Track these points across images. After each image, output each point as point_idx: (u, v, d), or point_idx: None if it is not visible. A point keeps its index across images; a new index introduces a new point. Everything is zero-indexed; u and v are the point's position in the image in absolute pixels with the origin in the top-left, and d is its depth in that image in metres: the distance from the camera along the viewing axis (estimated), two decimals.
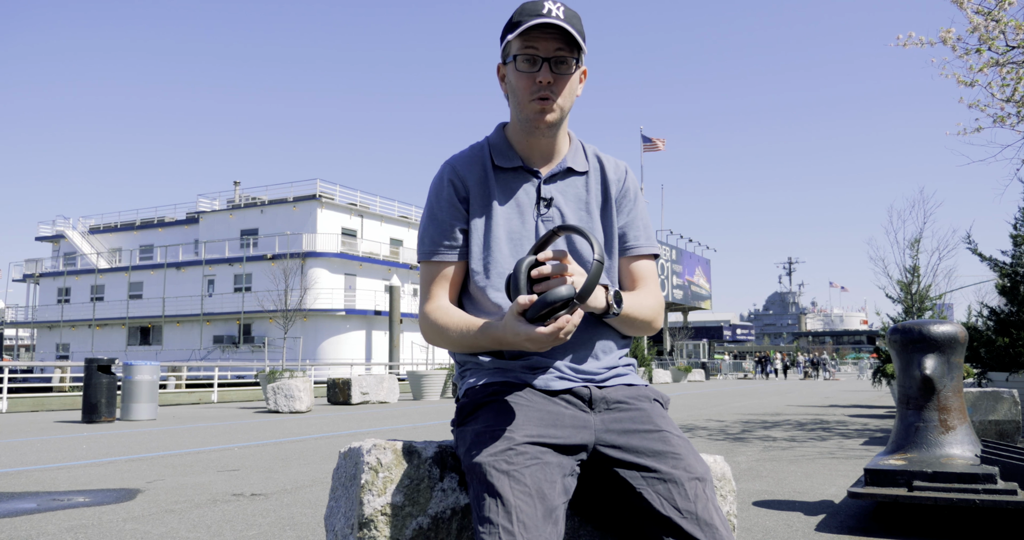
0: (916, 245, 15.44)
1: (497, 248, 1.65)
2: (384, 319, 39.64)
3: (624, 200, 1.75)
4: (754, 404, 16.63)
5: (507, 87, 1.68)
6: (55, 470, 6.42)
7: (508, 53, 1.64)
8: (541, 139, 1.68)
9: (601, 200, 1.74)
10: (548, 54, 1.58)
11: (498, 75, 1.70)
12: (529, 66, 1.59)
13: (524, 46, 1.59)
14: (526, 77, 1.60)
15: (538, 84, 1.59)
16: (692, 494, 1.40)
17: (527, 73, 1.60)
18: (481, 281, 1.65)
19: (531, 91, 1.60)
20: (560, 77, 1.60)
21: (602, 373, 1.61)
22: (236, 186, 45.28)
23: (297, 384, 14.79)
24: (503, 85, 1.70)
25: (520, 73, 1.60)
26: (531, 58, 1.59)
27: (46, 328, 47.07)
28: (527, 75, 1.60)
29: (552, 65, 1.59)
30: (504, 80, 1.68)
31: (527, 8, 1.60)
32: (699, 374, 40.94)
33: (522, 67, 1.60)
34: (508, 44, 1.63)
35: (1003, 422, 6.36)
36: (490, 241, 1.65)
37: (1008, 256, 10.87)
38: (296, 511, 4.55)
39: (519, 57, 1.59)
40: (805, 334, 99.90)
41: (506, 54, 1.65)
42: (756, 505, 4.65)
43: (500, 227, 1.66)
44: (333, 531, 1.60)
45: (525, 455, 1.38)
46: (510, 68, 1.63)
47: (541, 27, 1.57)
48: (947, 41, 8.51)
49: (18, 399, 15.97)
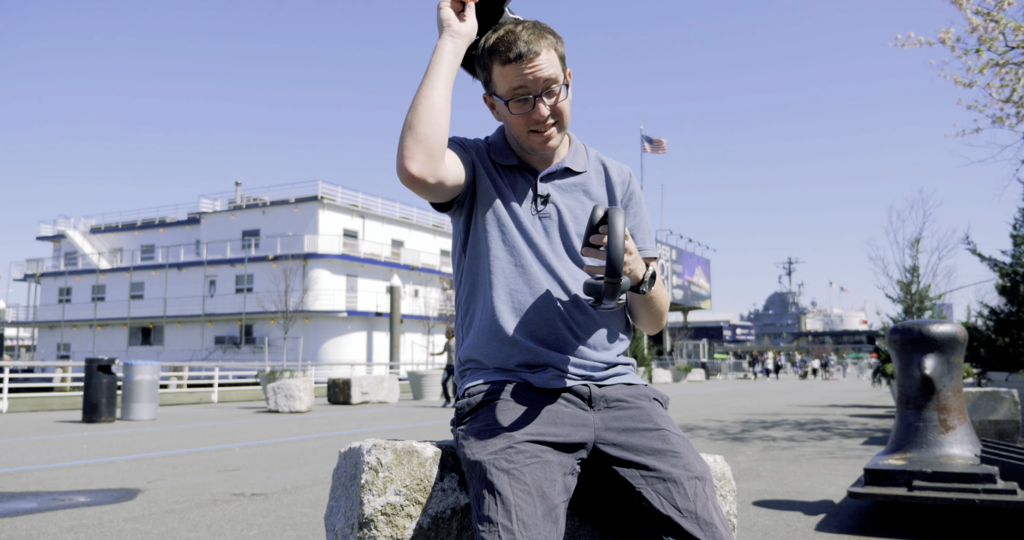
0: (916, 245, 15.47)
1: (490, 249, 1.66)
2: (385, 320, 39.64)
3: (631, 203, 1.77)
4: (754, 404, 16.63)
5: (499, 116, 1.70)
6: (55, 470, 6.43)
7: (492, 90, 1.64)
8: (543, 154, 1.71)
9: (604, 200, 1.75)
10: (537, 90, 1.59)
11: (486, 103, 1.71)
12: (522, 106, 1.61)
13: (512, 88, 1.60)
14: (521, 117, 1.62)
15: (535, 121, 1.62)
16: (692, 493, 1.41)
17: (521, 114, 1.61)
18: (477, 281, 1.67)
19: (528, 126, 1.63)
20: (554, 106, 1.62)
21: (601, 368, 1.62)
22: (238, 187, 45.29)
23: (297, 384, 14.79)
24: (493, 112, 1.71)
25: (514, 115, 1.62)
26: (523, 98, 1.60)
27: (47, 328, 47.09)
28: (522, 115, 1.62)
29: (544, 97, 1.60)
30: (494, 108, 1.70)
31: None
32: (699, 374, 40.94)
33: (516, 109, 1.61)
34: (491, 83, 1.64)
35: (1003, 422, 6.37)
36: (482, 243, 1.67)
37: (1008, 256, 10.88)
38: (296, 511, 4.56)
39: (511, 102, 1.61)
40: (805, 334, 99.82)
41: (490, 89, 1.65)
42: (756, 505, 4.65)
43: (498, 225, 1.67)
44: (333, 531, 1.60)
45: (525, 453, 1.39)
46: (501, 106, 1.65)
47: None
48: (946, 41, 8.52)
49: (19, 399, 15.97)
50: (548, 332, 1.60)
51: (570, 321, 1.62)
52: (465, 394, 1.61)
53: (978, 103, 8.95)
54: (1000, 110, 8.84)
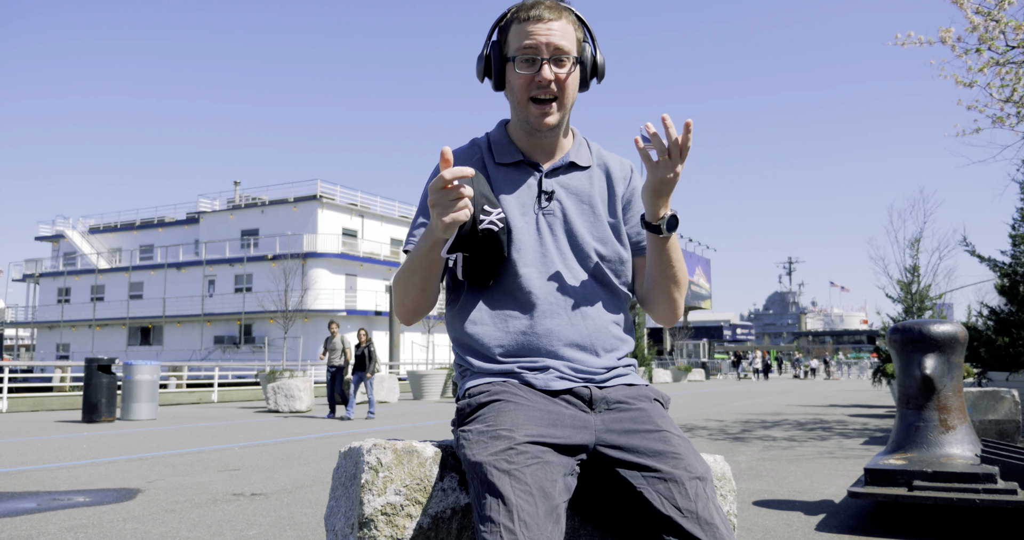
0: (916, 245, 15.45)
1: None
2: (384, 319, 39.63)
3: (633, 198, 1.76)
4: (754, 404, 16.63)
5: (508, 90, 1.67)
6: (55, 470, 6.42)
7: (505, 52, 1.64)
8: (543, 139, 1.68)
9: (606, 195, 1.74)
10: (546, 55, 1.59)
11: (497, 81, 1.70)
12: (528, 66, 1.60)
13: (523, 46, 1.59)
14: (525, 77, 1.60)
15: (538, 84, 1.60)
16: (693, 493, 1.40)
17: (526, 74, 1.60)
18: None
19: (530, 90, 1.61)
20: (560, 76, 1.60)
21: (602, 373, 1.61)
22: (236, 186, 45.27)
23: (297, 384, 14.79)
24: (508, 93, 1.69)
25: (519, 73, 1.61)
26: (530, 59, 1.59)
27: (46, 328, 47.07)
28: (526, 75, 1.60)
29: (552, 64, 1.59)
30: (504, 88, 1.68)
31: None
32: (699, 374, 40.93)
33: (521, 68, 1.60)
34: (505, 44, 1.64)
35: (1003, 422, 6.36)
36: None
37: (1007, 256, 10.88)
38: (296, 511, 4.56)
39: (517, 58, 1.60)
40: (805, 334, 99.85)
41: (503, 52, 1.65)
42: (756, 505, 4.65)
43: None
44: (333, 531, 1.60)
45: (526, 454, 1.38)
46: (508, 68, 1.64)
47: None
48: (946, 41, 8.52)
49: (18, 399, 15.98)
50: (549, 332, 1.60)
51: (572, 321, 1.61)
52: (466, 395, 1.60)
53: (978, 103, 8.95)
54: (1000, 110, 8.85)
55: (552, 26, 1.58)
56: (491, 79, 1.68)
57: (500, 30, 1.66)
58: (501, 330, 1.62)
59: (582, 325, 1.61)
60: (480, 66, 1.69)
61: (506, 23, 1.65)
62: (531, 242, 1.64)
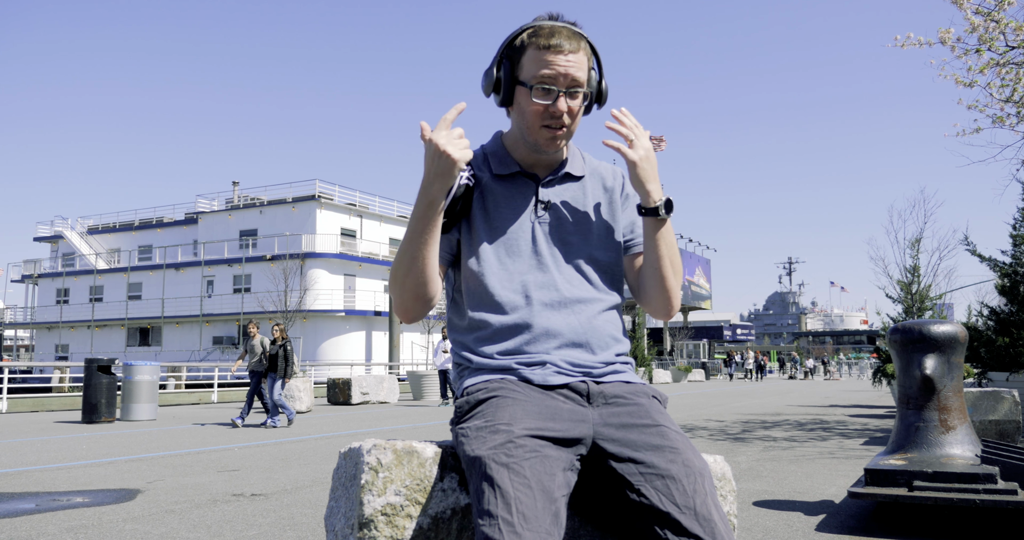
0: (916, 245, 15.44)
1: (487, 251, 1.66)
2: (384, 320, 39.64)
3: (626, 203, 1.79)
4: (754, 404, 16.63)
5: (515, 108, 1.69)
6: (55, 470, 6.42)
7: (517, 74, 1.64)
8: (544, 156, 1.71)
9: (600, 203, 1.77)
10: (563, 86, 1.61)
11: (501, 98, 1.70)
12: (544, 96, 1.61)
13: (541, 75, 1.60)
14: (540, 105, 1.62)
15: (551, 115, 1.62)
16: (690, 489, 1.41)
17: (541, 104, 1.62)
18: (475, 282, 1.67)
19: (543, 118, 1.63)
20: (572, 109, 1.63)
21: (600, 367, 1.63)
22: (235, 186, 45.27)
23: (297, 384, 14.79)
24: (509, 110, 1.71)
25: (534, 101, 1.62)
26: (547, 88, 1.61)
27: (45, 329, 47.06)
28: (541, 105, 1.62)
29: (567, 97, 1.62)
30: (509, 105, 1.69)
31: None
32: (699, 374, 40.93)
33: (538, 97, 1.61)
34: (518, 66, 1.64)
35: (1003, 422, 6.37)
36: (479, 247, 1.67)
37: (1008, 256, 10.87)
38: (296, 511, 4.55)
39: (535, 87, 1.61)
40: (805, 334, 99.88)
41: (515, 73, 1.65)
42: (756, 505, 4.65)
43: (496, 231, 1.68)
44: (333, 531, 1.60)
45: (524, 448, 1.39)
46: (522, 94, 1.64)
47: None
48: (946, 41, 8.51)
49: (18, 399, 15.97)
50: (546, 331, 1.61)
51: (569, 322, 1.63)
52: (464, 393, 1.62)
53: (978, 103, 8.95)
54: (1000, 110, 8.84)
55: (571, 59, 1.60)
56: (497, 95, 1.69)
57: (514, 49, 1.66)
58: (499, 330, 1.63)
59: (578, 325, 1.64)
60: (489, 83, 1.69)
61: (521, 45, 1.64)
62: (528, 248, 1.68)
